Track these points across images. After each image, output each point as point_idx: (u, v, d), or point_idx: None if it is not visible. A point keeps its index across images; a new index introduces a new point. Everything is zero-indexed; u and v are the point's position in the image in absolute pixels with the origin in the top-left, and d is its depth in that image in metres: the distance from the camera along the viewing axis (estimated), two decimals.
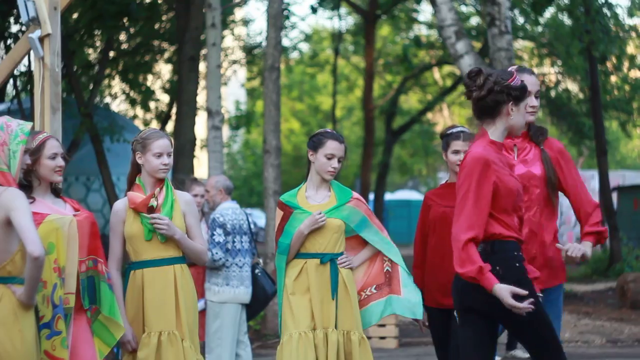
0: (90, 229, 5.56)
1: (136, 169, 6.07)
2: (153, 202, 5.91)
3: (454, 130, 6.51)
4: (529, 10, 21.60)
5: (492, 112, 5.02)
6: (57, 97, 7.41)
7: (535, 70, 26.00)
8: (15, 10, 15.48)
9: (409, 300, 6.24)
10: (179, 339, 5.85)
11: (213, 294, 8.83)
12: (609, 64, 21.70)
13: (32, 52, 7.60)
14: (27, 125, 5.15)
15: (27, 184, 5.44)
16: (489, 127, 5.07)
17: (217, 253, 8.67)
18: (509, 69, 5.24)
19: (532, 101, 5.40)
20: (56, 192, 5.64)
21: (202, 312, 8.55)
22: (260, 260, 9.28)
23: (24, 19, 7.40)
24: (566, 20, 22.49)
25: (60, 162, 5.55)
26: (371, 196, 31.23)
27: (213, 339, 8.85)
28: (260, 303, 9.12)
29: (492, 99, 4.98)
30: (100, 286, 5.60)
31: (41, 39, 7.38)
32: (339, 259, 6.23)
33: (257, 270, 9.01)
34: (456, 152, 6.39)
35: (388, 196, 40.25)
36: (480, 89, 4.98)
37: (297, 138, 42.04)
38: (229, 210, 8.92)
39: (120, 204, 6.04)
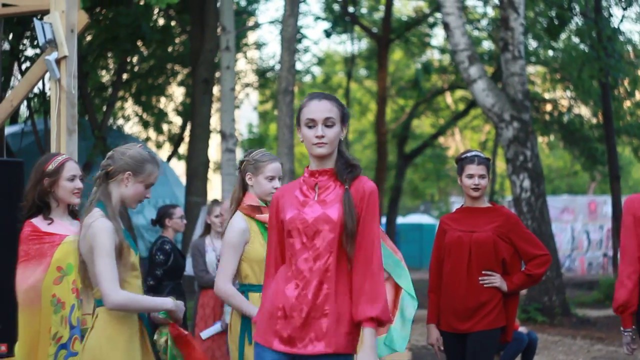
0: None
1: (243, 189, 5.88)
2: None
3: (469, 154, 6.52)
4: (542, 35, 21.63)
5: None
6: (73, 119, 7.44)
7: (548, 95, 26.09)
8: (29, 32, 15.58)
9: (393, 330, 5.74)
10: None
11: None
12: (621, 89, 21.68)
13: (47, 74, 7.64)
14: None
15: (44, 205, 5.45)
16: None
17: None
18: None
19: (319, 131, 4.65)
20: (73, 214, 5.62)
21: (222, 334, 8.53)
22: None
23: (40, 41, 7.42)
24: (579, 45, 22.51)
25: (78, 184, 5.54)
26: (383, 220, 31.21)
27: None
28: None
29: None
30: None
31: (57, 61, 7.42)
32: None
33: None
34: (470, 176, 6.40)
35: (400, 220, 40.20)
36: None
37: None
38: None
39: (245, 224, 5.74)
